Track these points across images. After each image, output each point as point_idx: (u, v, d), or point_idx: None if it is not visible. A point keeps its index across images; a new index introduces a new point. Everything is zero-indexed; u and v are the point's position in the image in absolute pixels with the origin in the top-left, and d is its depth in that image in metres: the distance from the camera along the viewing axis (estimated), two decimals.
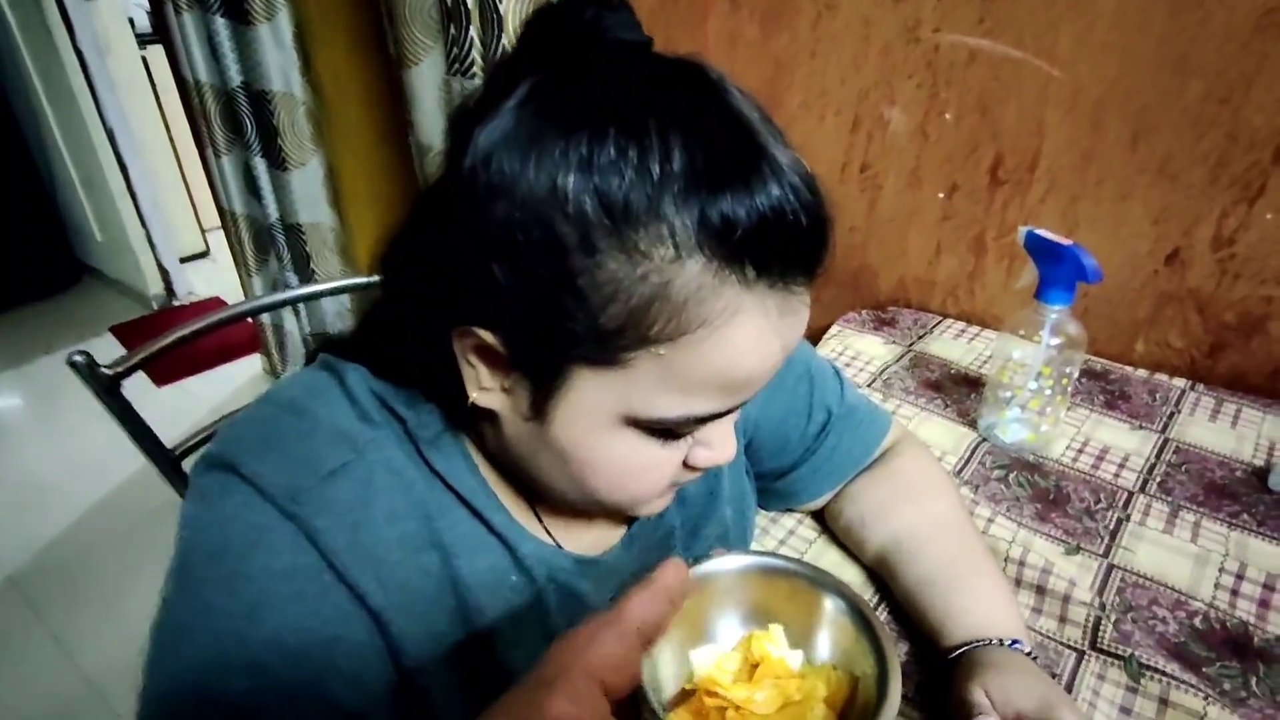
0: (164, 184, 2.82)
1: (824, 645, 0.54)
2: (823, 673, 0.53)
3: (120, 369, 0.64)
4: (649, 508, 0.48)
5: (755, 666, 0.54)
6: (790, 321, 0.37)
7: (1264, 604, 0.62)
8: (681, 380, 0.36)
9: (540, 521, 0.49)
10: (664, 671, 0.53)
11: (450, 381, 0.40)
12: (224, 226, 1.90)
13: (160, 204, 2.71)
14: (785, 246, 0.35)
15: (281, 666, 0.37)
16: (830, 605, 0.54)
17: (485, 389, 0.40)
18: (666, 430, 0.39)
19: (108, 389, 0.64)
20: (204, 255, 3.20)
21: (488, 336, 0.37)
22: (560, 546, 0.50)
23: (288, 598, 0.38)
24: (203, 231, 3.19)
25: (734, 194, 0.33)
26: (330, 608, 0.39)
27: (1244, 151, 0.84)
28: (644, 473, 0.42)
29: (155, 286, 2.79)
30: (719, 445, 0.44)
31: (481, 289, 0.36)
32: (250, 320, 2.22)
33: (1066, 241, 0.72)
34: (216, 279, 2.90)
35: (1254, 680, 0.55)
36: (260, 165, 1.68)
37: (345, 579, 0.39)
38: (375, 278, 0.45)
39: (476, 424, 0.44)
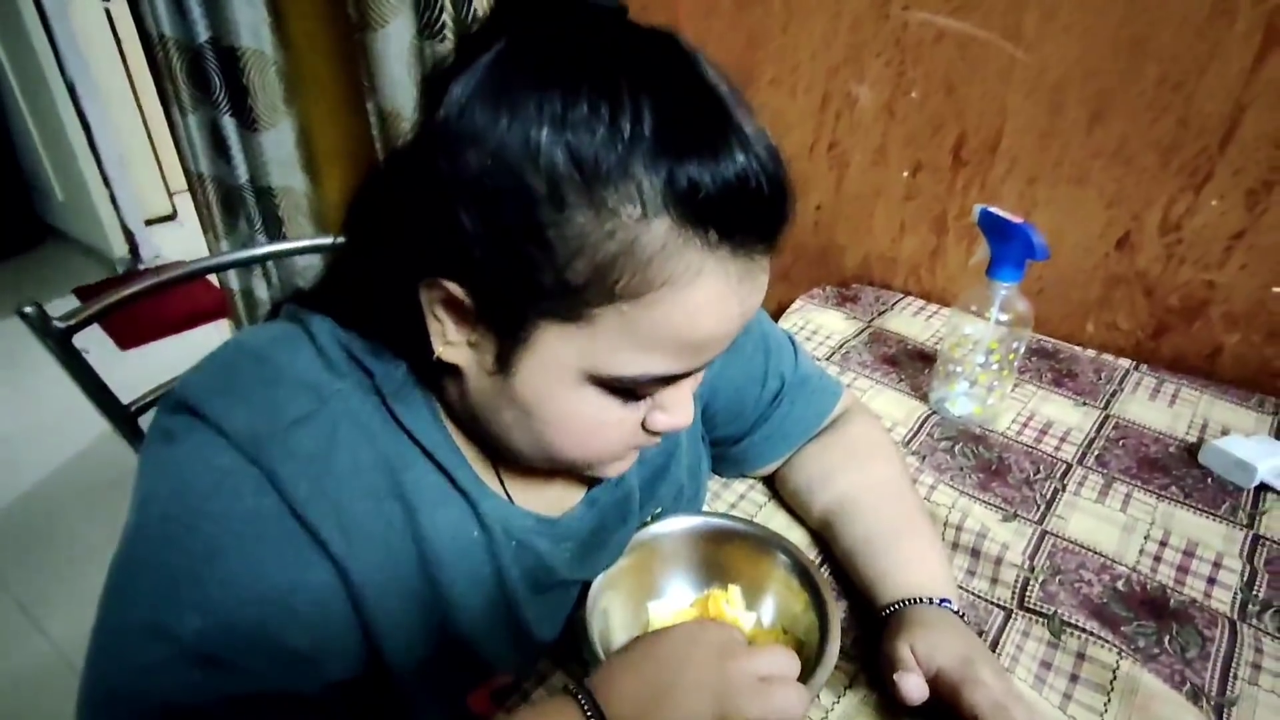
0: (129, 142, 2.75)
1: (773, 607, 0.57)
2: (772, 635, 0.55)
3: (73, 321, 0.64)
4: (607, 469, 0.49)
5: None
6: (749, 287, 0.39)
7: (1183, 569, 0.65)
8: (643, 338, 0.37)
9: (501, 481, 0.51)
10: (615, 621, 0.55)
11: (416, 335, 0.41)
12: (190, 188, 1.86)
13: (125, 163, 2.65)
14: (748, 213, 0.36)
15: (237, 609, 0.38)
16: (780, 569, 0.56)
17: (451, 343, 0.41)
18: (627, 390, 0.41)
19: (60, 342, 0.63)
20: (171, 218, 3.14)
21: (455, 289, 0.38)
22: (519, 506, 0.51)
23: (248, 541, 0.38)
24: (170, 194, 3.12)
25: (701, 159, 0.34)
26: (291, 554, 0.39)
27: (1194, 137, 0.87)
28: (603, 431, 0.43)
29: (120, 249, 2.73)
30: (677, 410, 0.45)
31: (450, 240, 0.37)
32: (218, 285, 2.19)
33: (1018, 220, 0.74)
34: (185, 243, 2.84)
35: (1167, 638, 0.58)
36: (229, 125, 1.64)
37: (308, 526, 0.39)
38: (344, 239, 0.46)
39: (441, 379, 0.45)
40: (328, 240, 0.88)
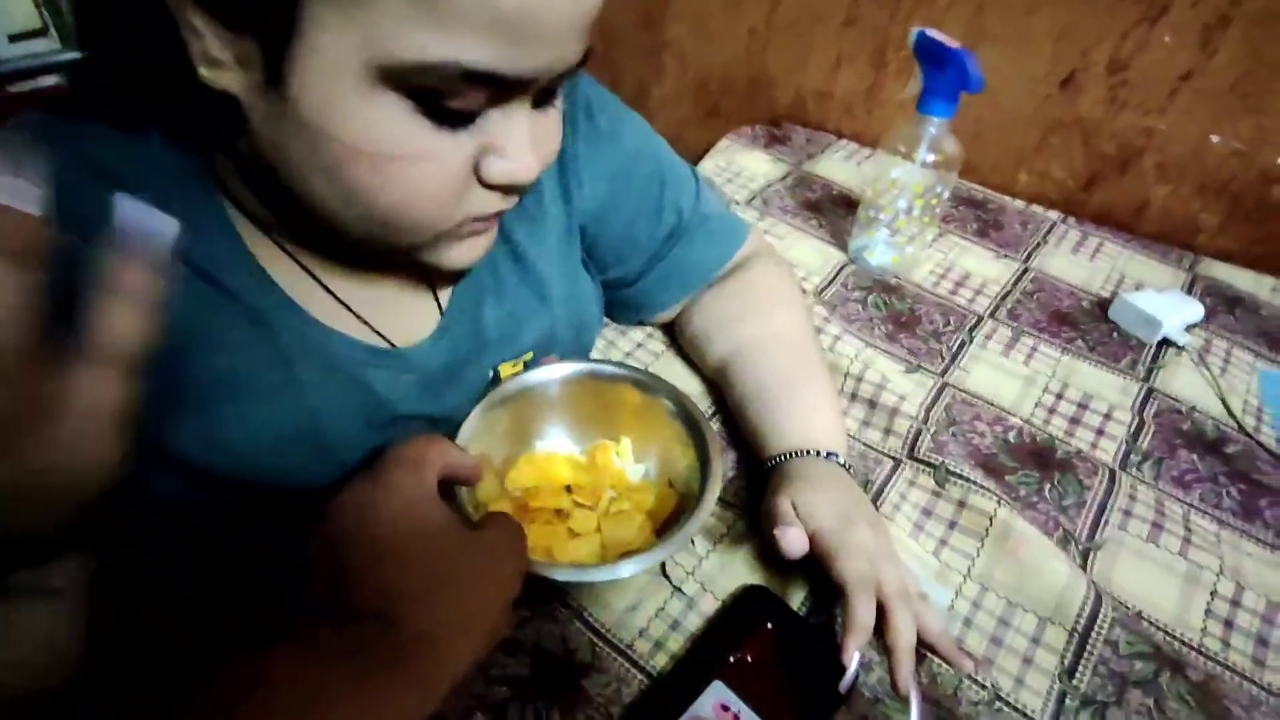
0: None
1: (658, 460, 0.54)
2: (655, 488, 0.53)
3: None
4: (447, 251, 0.40)
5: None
6: None
7: (1075, 421, 0.65)
8: (434, 7, 0.29)
9: (346, 306, 0.45)
10: (494, 470, 0.51)
11: (186, 84, 0.32)
12: None
13: None
14: None
15: None
16: (667, 418, 0.53)
17: (214, 61, 0.32)
18: (436, 103, 0.32)
19: None
20: (41, 33, 2.74)
21: None
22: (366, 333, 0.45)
23: None
24: (38, 5, 2.71)
25: None
26: None
27: None
28: (418, 168, 0.34)
29: None
30: (513, 150, 0.36)
31: None
32: None
33: (954, 45, 0.66)
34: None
35: (1047, 487, 0.58)
36: None
37: None
38: None
39: (230, 152, 0.37)
40: None
